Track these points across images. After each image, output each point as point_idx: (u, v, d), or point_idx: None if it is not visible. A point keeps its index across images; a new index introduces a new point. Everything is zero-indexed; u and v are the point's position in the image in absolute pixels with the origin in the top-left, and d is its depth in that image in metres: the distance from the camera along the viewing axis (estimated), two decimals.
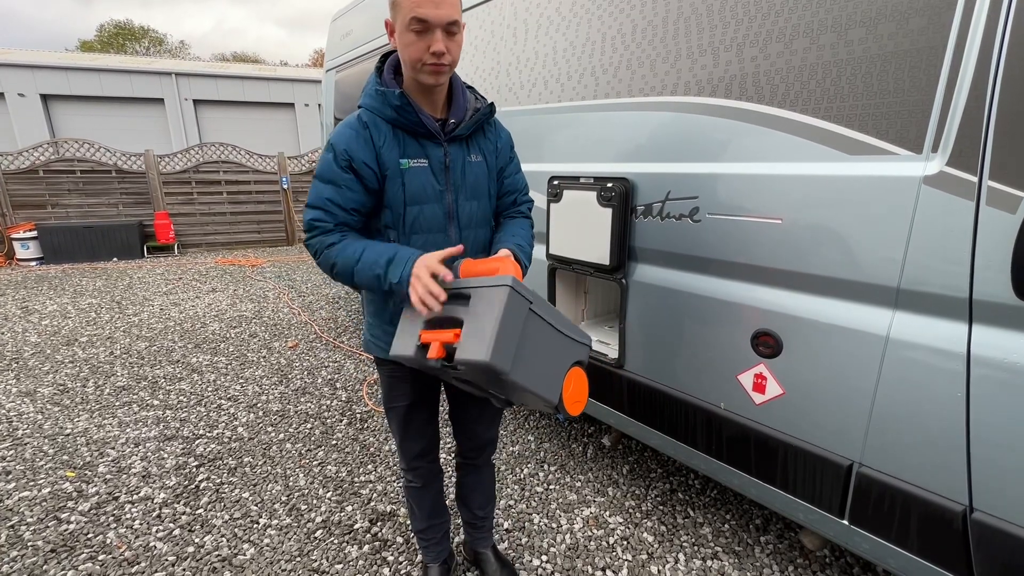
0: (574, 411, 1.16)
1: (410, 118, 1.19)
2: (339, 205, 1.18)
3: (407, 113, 1.19)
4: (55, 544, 1.90)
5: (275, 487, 2.25)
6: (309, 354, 3.87)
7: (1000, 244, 1.00)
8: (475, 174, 1.32)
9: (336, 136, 1.19)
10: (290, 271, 7.00)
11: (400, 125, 1.21)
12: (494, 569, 1.71)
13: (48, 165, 7.61)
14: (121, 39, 30.95)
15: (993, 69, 1.00)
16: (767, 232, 1.39)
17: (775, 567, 1.80)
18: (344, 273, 1.19)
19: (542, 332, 1.09)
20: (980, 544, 1.12)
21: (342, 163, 1.17)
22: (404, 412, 1.45)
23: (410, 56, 1.13)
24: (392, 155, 1.20)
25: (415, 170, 1.22)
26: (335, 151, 1.17)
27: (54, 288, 5.94)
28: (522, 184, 1.48)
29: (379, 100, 1.19)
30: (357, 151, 1.17)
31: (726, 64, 1.45)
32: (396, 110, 1.18)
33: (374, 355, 1.41)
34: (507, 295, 1.00)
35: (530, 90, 2.13)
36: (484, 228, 1.38)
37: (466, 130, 1.28)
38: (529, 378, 1.05)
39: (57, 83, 12.07)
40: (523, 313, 1.03)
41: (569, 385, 1.15)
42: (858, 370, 1.25)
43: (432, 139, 1.24)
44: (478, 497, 1.66)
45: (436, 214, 1.26)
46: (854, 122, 1.20)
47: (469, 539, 1.76)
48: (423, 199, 1.24)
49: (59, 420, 2.84)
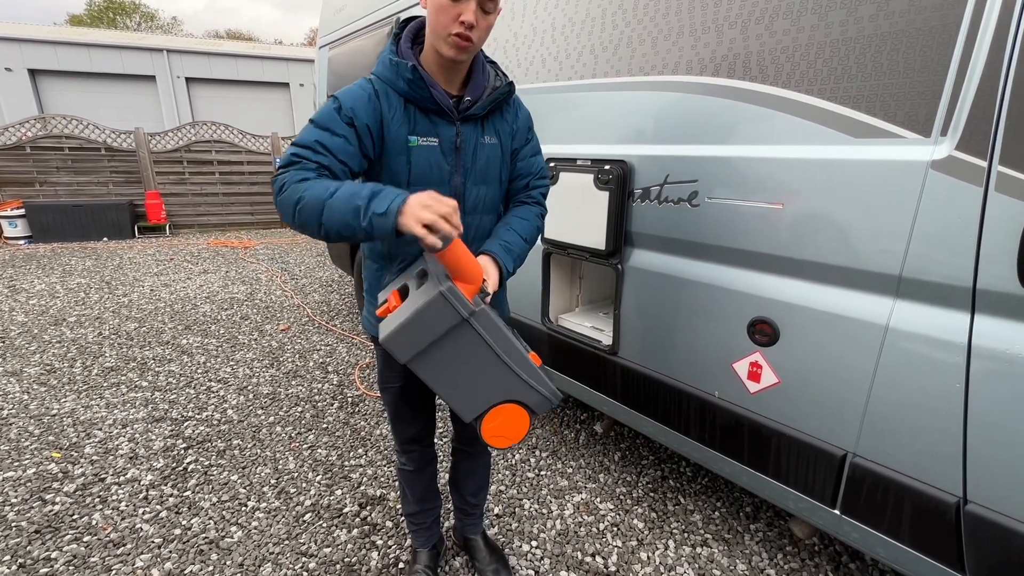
0: (492, 441, 1.12)
1: (422, 93, 1.12)
2: (328, 149, 1.06)
3: (419, 88, 1.11)
4: (39, 525, 1.88)
5: (264, 470, 2.23)
6: (301, 337, 3.83)
7: (1007, 232, 0.97)
8: (487, 157, 1.23)
9: (345, 93, 1.11)
10: (283, 253, 6.92)
11: (412, 99, 1.13)
12: (483, 555, 1.70)
13: (35, 142, 7.44)
14: (111, 13, 30.19)
15: (1008, 49, 0.96)
16: (767, 218, 1.35)
17: (764, 554, 1.80)
18: (310, 209, 0.99)
19: (477, 352, 1.06)
20: (973, 536, 1.11)
21: (345, 117, 1.08)
22: (397, 394, 1.42)
23: (438, 22, 1.06)
24: (401, 130, 1.12)
25: (423, 148, 1.14)
26: (341, 104, 1.09)
27: (42, 267, 5.85)
28: (537, 168, 1.36)
29: (392, 70, 1.12)
30: (363, 114, 1.09)
31: (730, 42, 1.40)
32: (408, 83, 1.11)
33: (369, 333, 1.37)
34: (431, 298, 0.98)
35: (527, 69, 2.07)
36: (491, 215, 1.30)
37: (481, 109, 1.19)
38: (438, 383, 1.07)
39: (45, 58, 11.78)
40: (449, 321, 1.01)
41: (498, 417, 1.11)
42: (856, 360, 1.23)
43: (444, 116, 1.16)
44: (471, 484, 1.64)
45: None
46: (861, 103, 1.16)
47: (459, 525, 1.74)
48: (428, 180, 1.16)
49: (45, 400, 2.80)
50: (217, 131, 8.54)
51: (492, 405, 1.10)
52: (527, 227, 1.29)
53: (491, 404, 1.10)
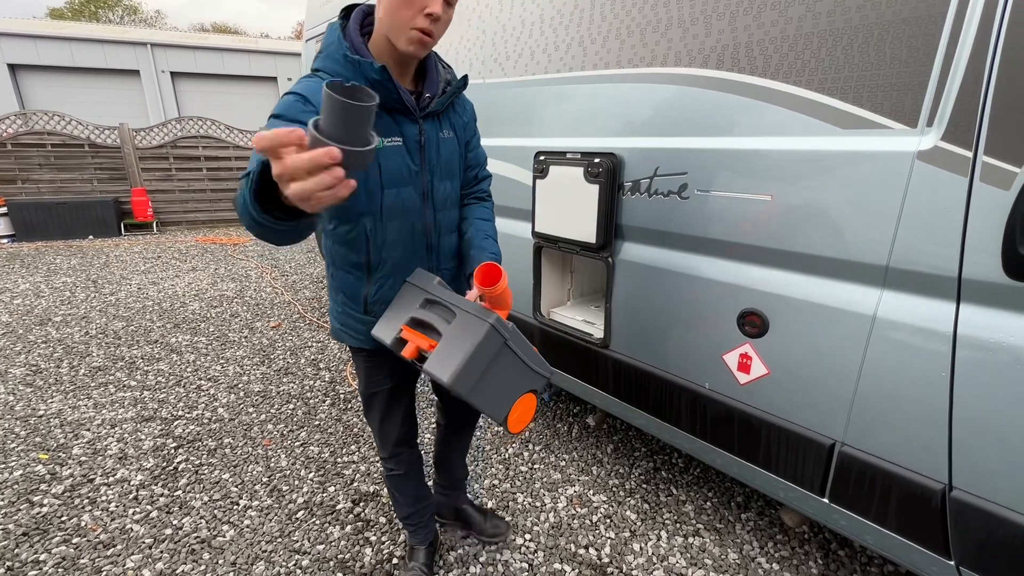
0: (515, 429, 1.19)
1: (389, 95, 1.05)
2: None
3: (386, 89, 1.04)
4: (27, 527, 1.86)
5: (256, 468, 2.22)
6: (292, 334, 3.81)
7: (992, 221, 0.98)
8: (448, 151, 1.23)
9: (304, 87, 1.01)
10: (274, 250, 6.86)
11: None
12: (478, 519, 1.79)
13: (16, 138, 7.29)
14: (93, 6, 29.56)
15: (994, 38, 0.96)
16: (757, 209, 1.35)
17: (755, 543, 1.83)
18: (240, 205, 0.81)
19: (509, 364, 1.12)
20: (958, 522, 1.12)
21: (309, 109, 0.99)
22: (387, 397, 1.41)
23: (399, 15, 0.99)
24: None
25: (389, 150, 1.10)
26: (303, 96, 0.99)
27: (26, 266, 5.76)
28: (483, 157, 1.41)
29: (350, 70, 1.03)
30: None
31: (719, 33, 1.39)
32: (373, 84, 1.02)
33: (347, 344, 1.34)
34: (486, 333, 1.03)
35: (516, 61, 2.06)
36: (455, 208, 1.33)
37: (441, 105, 1.17)
38: (483, 400, 1.11)
39: (25, 52, 11.50)
40: (496, 348, 1.07)
41: (518, 408, 1.18)
42: (844, 350, 1.24)
43: (407, 115, 1.12)
44: (457, 458, 1.72)
45: (412, 196, 1.18)
46: (848, 94, 1.16)
47: (446, 500, 1.79)
48: (399, 181, 1.14)
49: (31, 401, 2.77)
50: (204, 126, 8.42)
51: (515, 401, 1.16)
52: (493, 228, 1.37)
53: (514, 400, 1.16)
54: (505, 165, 2.13)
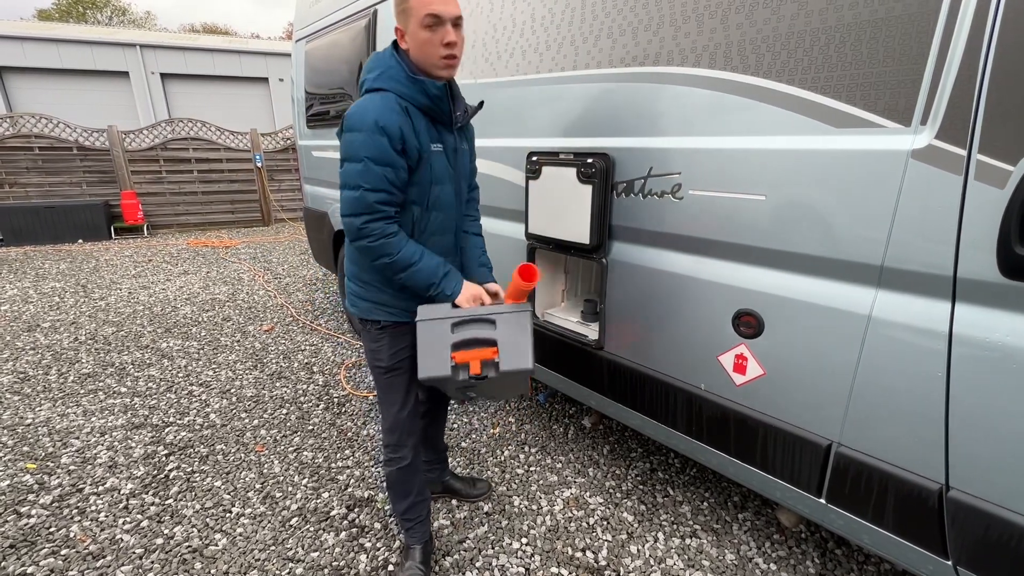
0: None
1: (444, 107, 1.31)
2: (396, 185, 1.27)
3: (443, 103, 1.31)
4: (14, 539, 1.82)
5: (249, 475, 2.19)
6: (285, 337, 3.77)
7: (987, 220, 0.98)
8: (467, 160, 1.51)
9: (385, 119, 1.22)
10: (266, 252, 6.81)
11: (429, 113, 1.31)
12: (463, 487, 2.01)
13: (3, 141, 7.19)
14: (81, 7, 29.23)
15: (987, 37, 0.95)
16: (750, 209, 1.34)
17: (752, 543, 1.82)
18: (397, 268, 1.30)
19: None
20: (955, 521, 1.12)
21: (397, 146, 1.24)
22: (410, 365, 1.48)
23: (427, 52, 1.24)
24: (426, 139, 1.31)
25: (436, 154, 1.35)
26: (389, 135, 1.22)
27: (14, 271, 5.68)
28: (474, 168, 1.64)
29: (414, 87, 1.27)
30: (408, 134, 1.25)
31: (711, 32, 1.38)
32: (434, 100, 1.29)
33: (378, 319, 1.45)
34: (530, 317, 1.37)
35: (507, 61, 2.04)
36: None
37: (466, 120, 1.45)
38: None
39: (12, 54, 11.35)
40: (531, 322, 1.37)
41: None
42: (840, 350, 1.23)
43: (447, 127, 1.38)
44: (440, 431, 1.92)
45: (449, 194, 1.42)
46: (842, 93, 1.15)
47: (435, 476, 1.96)
48: (442, 179, 1.38)
49: (19, 410, 2.72)
50: (194, 128, 8.34)
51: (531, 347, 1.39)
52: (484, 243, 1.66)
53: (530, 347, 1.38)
54: (497, 166, 2.11)
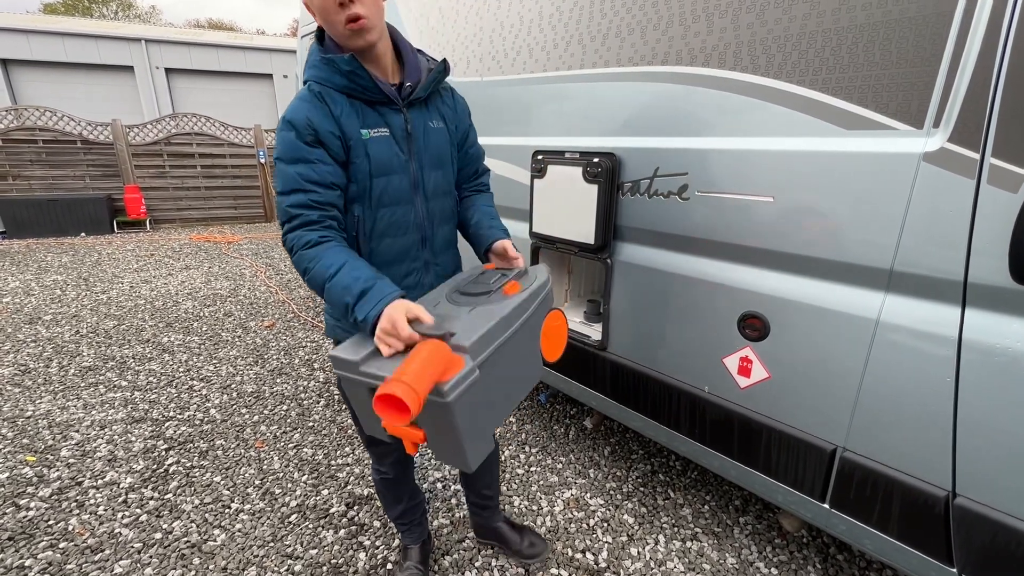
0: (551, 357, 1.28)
1: (363, 83, 1.11)
2: (316, 183, 1.07)
3: (360, 78, 1.10)
4: (12, 532, 1.82)
5: (248, 471, 2.18)
6: (286, 334, 3.77)
7: (999, 225, 0.96)
8: (438, 141, 1.26)
9: (292, 112, 1.08)
10: (268, 248, 6.81)
11: (354, 93, 1.12)
12: (513, 538, 1.73)
13: (8, 134, 7.20)
14: (87, 2, 29.29)
15: (1002, 39, 0.94)
16: (758, 211, 1.33)
17: (753, 547, 1.81)
18: (315, 284, 1.08)
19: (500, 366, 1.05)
20: (961, 528, 1.11)
21: (307, 137, 1.07)
22: None
23: (330, 21, 1.07)
24: (353, 125, 1.11)
25: (377, 139, 1.14)
26: (296, 127, 1.06)
27: (17, 264, 5.68)
28: (482, 152, 1.46)
29: (327, 69, 1.10)
30: (320, 122, 1.07)
31: (721, 31, 1.37)
32: (347, 76, 1.09)
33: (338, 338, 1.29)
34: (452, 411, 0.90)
35: (514, 59, 2.03)
36: (449, 197, 1.34)
37: (423, 92, 1.21)
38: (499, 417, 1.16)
39: (18, 47, 11.35)
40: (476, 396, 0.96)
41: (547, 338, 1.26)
42: (846, 354, 1.22)
43: (390, 105, 1.17)
44: (486, 478, 1.65)
45: (402, 185, 1.20)
46: (853, 94, 1.14)
47: (479, 520, 1.75)
48: (389, 170, 1.17)
49: (20, 402, 2.72)
50: (198, 123, 8.34)
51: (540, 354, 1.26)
52: (497, 213, 1.42)
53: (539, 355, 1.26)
54: (503, 164, 2.10)
